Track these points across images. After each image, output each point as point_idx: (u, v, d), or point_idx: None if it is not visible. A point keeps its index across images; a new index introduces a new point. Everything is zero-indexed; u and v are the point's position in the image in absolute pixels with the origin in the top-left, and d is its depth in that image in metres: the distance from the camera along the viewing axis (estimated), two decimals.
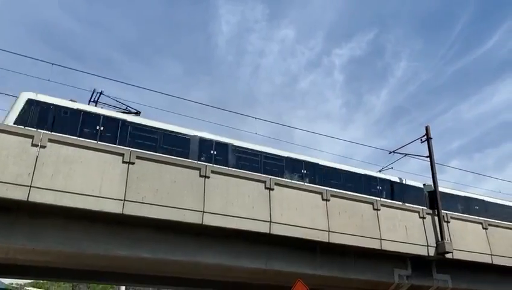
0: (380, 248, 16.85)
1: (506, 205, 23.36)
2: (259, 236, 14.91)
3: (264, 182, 15.40)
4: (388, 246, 17.02)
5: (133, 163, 13.29)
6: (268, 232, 14.73)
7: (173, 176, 13.74)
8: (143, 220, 13.22)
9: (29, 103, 15.65)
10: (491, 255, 18.81)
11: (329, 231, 15.92)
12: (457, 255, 18.01)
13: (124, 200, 12.79)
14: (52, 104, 16.09)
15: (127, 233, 13.53)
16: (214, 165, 15.36)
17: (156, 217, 13.15)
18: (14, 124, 14.84)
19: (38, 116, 15.77)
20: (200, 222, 13.65)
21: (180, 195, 13.60)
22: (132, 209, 12.84)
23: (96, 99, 18.43)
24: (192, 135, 18.83)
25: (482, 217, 20.76)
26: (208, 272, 16.26)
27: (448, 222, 18.45)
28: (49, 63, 16.69)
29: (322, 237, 15.75)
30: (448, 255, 17.73)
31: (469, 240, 18.62)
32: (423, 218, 18.18)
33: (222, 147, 19.13)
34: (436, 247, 17.71)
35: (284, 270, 15.48)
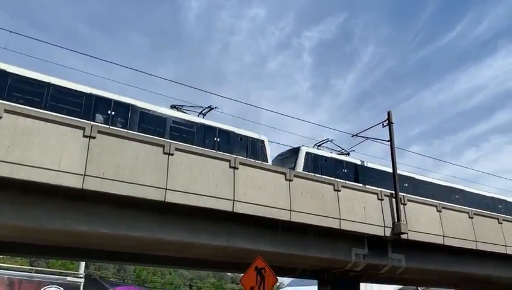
0: (339, 228, 17.36)
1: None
2: (222, 214, 15.04)
3: (229, 161, 15.45)
4: (347, 226, 17.56)
5: (94, 137, 12.99)
6: (231, 210, 14.86)
7: (136, 152, 13.56)
8: (104, 196, 13.03)
9: None
10: (443, 236, 19.75)
11: (291, 211, 16.23)
12: (412, 236, 18.80)
13: (84, 175, 12.53)
14: None
15: (87, 208, 13.33)
16: (179, 143, 15.21)
17: (117, 193, 12.99)
18: None
19: None
20: (163, 199, 13.60)
21: (143, 171, 13.47)
22: (93, 185, 12.62)
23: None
24: (88, 92, 17.10)
25: (427, 197, 21.38)
26: (169, 248, 16.32)
27: (404, 204, 19.17)
28: (7, 30, 15.89)
29: (284, 216, 16.06)
30: (404, 236, 18.48)
31: (423, 222, 19.44)
32: (381, 200, 18.80)
33: (122, 107, 17.70)
34: (393, 228, 18.41)
35: (245, 247, 15.72)
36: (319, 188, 17.52)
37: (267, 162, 20.45)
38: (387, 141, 19.87)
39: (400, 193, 19.06)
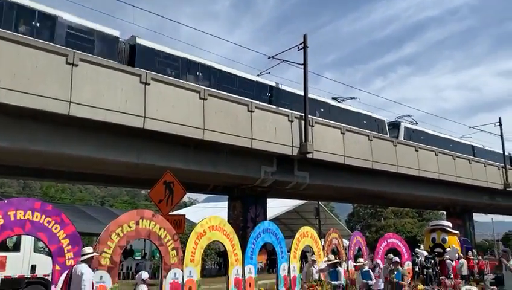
0: (250, 147, 17.98)
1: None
2: (132, 131, 14.69)
3: (140, 75, 14.82)
4: (258, 146, 18.24)
5: None
6: (142, 127, 14.56)
7: (35, 61, 12.40)
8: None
9: None
10: (344, 156, 21.40)
11: (204, 129, 16.33)
12: (317, 156, 20.12)
13: None
14: None
15: None
16: (84, 53, 14.09)
17: (14, 103, 12.00)
18: None
19: None
20: (67, 113, 12.87)
21: (44, 82, 12.46)
22: None
23: None
24: None
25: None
26: (77, 164, 15.80)
27: (312, 126, 20.21)
28: None
29: (197, 134, 16.14)
30: (309, 155, 19.71)
31: (328, 143, 20.79)
32: (291, 121, 19.60)
33: None
34: (300, 148, 19.48)
35: (156, 164, 15.71)
36: (233, 108, 17.70)
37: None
38: (301, 64, 20.27)
39: (308, 116, 19.91)
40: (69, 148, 13.88)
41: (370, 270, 10.70)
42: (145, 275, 8.17)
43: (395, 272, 9.86)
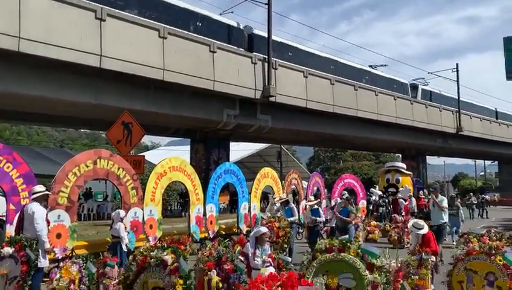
0: (212, 89, 17.74)
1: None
2: (88, 70, 14.10)
3: (95, 11, 14.00)
4: (221, 88, 18.01)
5: None
6: (98, 66, 13.98)
7: None
8: None
9: None
10: (307, 100, 21.58)
11: (164, 70, 15.89)
12: (279, 99, 20.16)
13: None
14: None
15: None
16: None
17: None
18: None
19: None
20: (16, 49, 12.12)
21: None
22: None
23: None
24: None
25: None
26: (31, 105, 15.14)
27: (276, 68, 20.06)
28: None
29: (156, 74, 15.70)
30: (272, 99, 19.72)
31: (291, 87, 20.80)
32: (255, 64, 19.36)
33: None
34: (263, 91, 19.42)
35: (115, 106, 15.26)
36: (194, 48, 17.20)
37: None
38: (266, 4, 19.71)
39: (272, 58, 19.66)
40: (22, 87, 13.22)
41: (319, 208, 11.16)
42: (122, 213, 8.15)
43: (341, 208, 10.35)
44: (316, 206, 10.88)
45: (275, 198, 13.45)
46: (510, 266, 5.19)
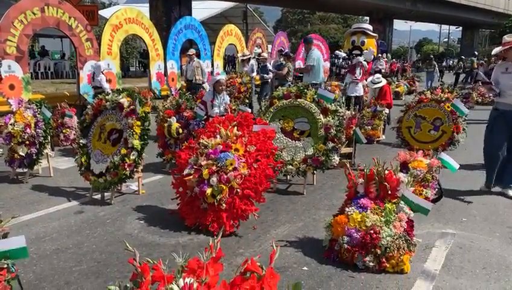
0: None
1: None
2: None
3: None
4: None
5: None
6: None
7: None
8: None
9: None
10: None
11: None
12: None
13: None
14: None
15: None
16: None
17: None
18: None
19: None
20: None
21: None
22: None
23: None
24: None
25: None
26: None
27: None
28: None
29: None
30: None
31: None
32: None
33: None
34: None
35: None
36: None
37: None
38: None
39: None
40: None
41: (268, 64, 11.13)
42: (103, 65, 7.71)
43: (278, 63, 10.49)
44: (266, 63, 10.84)
45: (243, 59, 13.22)
46: (456, 112, 5.52)
